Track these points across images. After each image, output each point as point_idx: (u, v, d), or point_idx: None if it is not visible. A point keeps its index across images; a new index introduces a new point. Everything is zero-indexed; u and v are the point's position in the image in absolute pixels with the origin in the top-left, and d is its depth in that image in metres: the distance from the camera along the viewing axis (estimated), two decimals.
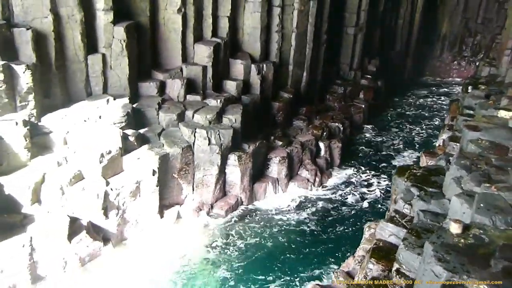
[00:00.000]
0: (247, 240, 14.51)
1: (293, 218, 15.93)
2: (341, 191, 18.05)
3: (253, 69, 18.96)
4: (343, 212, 16.61)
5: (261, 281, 12.76)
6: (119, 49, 15.51)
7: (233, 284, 12.59)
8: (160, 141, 15.01)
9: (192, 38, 17.62)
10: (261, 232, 15.00)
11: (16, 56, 13.52)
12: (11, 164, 12.33)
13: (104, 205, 12.84)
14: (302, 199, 17.13)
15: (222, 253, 13.83)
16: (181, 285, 12.39)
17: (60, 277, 11.81)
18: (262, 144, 17.06)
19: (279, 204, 16.68)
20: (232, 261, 13.48)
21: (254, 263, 13.51)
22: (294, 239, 14.80)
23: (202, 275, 12.85)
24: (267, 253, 14.03)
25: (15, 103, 13.09)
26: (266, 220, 15.69)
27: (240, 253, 13.88)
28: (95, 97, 15.43)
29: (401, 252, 8.24)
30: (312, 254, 14.06)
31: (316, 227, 15.53)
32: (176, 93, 16.87)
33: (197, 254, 13.63)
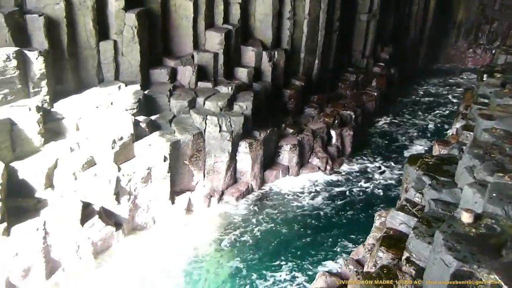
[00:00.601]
0: (260, 226, 14.55)
1: (302, 202, 15.96)
2: (352, 179, 18.00)
3: (265, 56, 18.85)
4: (354, 199, 16.60)
5: (274, 267, 12.83)
6: (130, 35, 15.52)
7: (245, 272, 12.65)
8: (171, 127, 15.06)
9: (203, 25, 17.55)
10: (274, 217, 15.07)
11: (29, 42, 13.62)
12: (25, 149, 12.48)
13: (116, 191, 12.97)
14: (314, 186, 17.10)
15: (234, 239, 13.92)
16: (193, 274, 12.47)
17: (74, 260, 12.00)
18: (273, 131, 17.02)
19: (289, 191, 16.68)
20: (244, 248, 13.56)
21: (266, 249, 13.58)
22: (306, 225, 14.83)
23: (214, 263, 12.94)
24: (279, 238, 14.09)
25: (28, 89, 13.20)
26: (278, 205, 15.73)
27: (253, 239, 13.95)
28: (107, 83, 15.50)
29: (411, 241, 8.20)
30: (322, 242, 14.10)
31: (327, 215, 15.54)
32: (187, 80, 16.87)
33: (208, 241, 13.74)
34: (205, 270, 12.64)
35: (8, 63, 12.54)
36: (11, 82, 12.70)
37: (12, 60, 12.59)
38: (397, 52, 28.24)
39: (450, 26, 34.59)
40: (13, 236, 10.98)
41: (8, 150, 12.09)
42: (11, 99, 12.74)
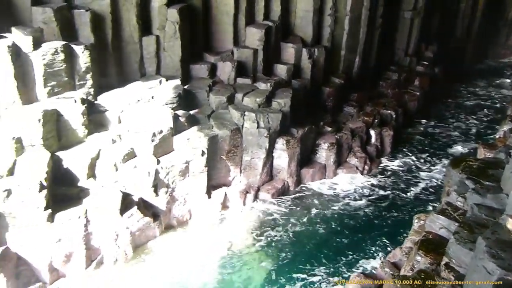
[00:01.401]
0: (295, 227, 14.46)
1: (341, 203, 15.77)
2: (390, 180, 17.60)
3: (304, 53, 18.70)
4: (392, 201, 16.23)
5: (307, 268, 12.71)
6: (172, 31, 15.77)
7: (277, 272, 12.55)
8: (210, 122, 15.22)
9: (243, 21, 17.60)
10: (309, 217, 14.96)
11: (75, 37, 14.10)
12: (69, 139, 12.95)
13: (155, 183, 13.24)
14: (350, 184, 16.87)
15: (268, 238, 13.87)
16: (226, 271, 12.53)
17: (112, 248, 12.36)
18: (311, 129, 16.89)
19: (327, 190, 16.52)
20: (277, 247, 13.51)
21: (300, 250, 13.47)
22: (344, 224, 14.66)
23: (247, 261, 12.95)
24: (314, 239, 13.97)
25: (74, 82, 13.69)
26: (315, 205, 15.62)
27: (288, 239, 13.89)
28: (148, 77, 15.84)
29: (452, 246, 7.96)
30: (358, 244, 13.88)
31: (364, 216, 15.28)
32: (227, 75, 16.98)
33: (242, 238, 13.78)
34: (237, 268, 12.69)
35: (56, 57, 13.04)
36: (58, 75, 13.21)
37: (59, 54, 13.09)
38: (442, 51, 27.33)
39: (500, 24, 33.12)
40: (57, 222, 11.43)
41: (54, 139, 12.59)
42: (58, 91, 13.25)
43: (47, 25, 13.45)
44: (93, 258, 12.23)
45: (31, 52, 12.68)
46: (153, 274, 12.23)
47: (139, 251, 12.91)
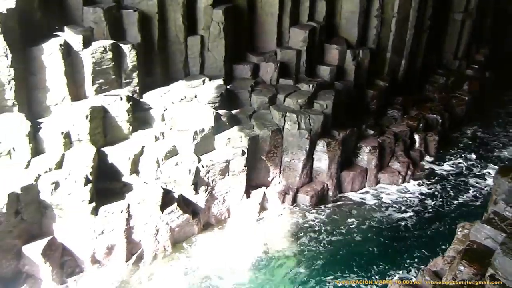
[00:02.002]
0: (332, 232, 14.29)
1: (382, 212, 15.41)
2: (434, 187, 17.03)
3: (349, 55, 18.44)
4: (434, 209, 15.71)
5: (339, 277, 12.51)
6: (217, 31, 15.96)
7: (310, 279, 12.42)
8: (251, 122, 15.28)
9: (288, 22, 17.58)
10: (347, 223, 14.72)
11: (123, 36, 14.54)
12: (115, 136, 13.36)
13: (195, 181, 13.43)
14: (393, 192, 16.46)
15: (304, 242, 13.76)
16: (259, 273, 12.51)
17: (152, 243, 12.64)
18: (353, 132, 16.62)
19: (368, 196, 16.21)
20: (312, 253, 13.36)
21: (334, 257, 13.28)
22: (381, 234, 14.36)
23: (281, 265, 12.90)
24: (350, 246, 13.75)
25: (121, 80, 14.12)
26: (354, 211, 15.38)
27: (323, 245, 13.73)
28: (192, 77, 16.10)
29: (498, 257, 7.60)
30: (396, 253, 13.54)
31: (405, 222, 14.92)
32: (269, 76, 17.00)
33: (278, 241, 13.73)
34: (271, 270, 12.67)
35: (104, 55, 13.49)
36: (106, 73, 13.66)
37: (108, 52, 13.54)
38: (494, 55, 26.18)
39: None
40: (100, 215, 11.81)
41: (100, 135, 13.02)
42: (105, 88, 13.70)
43: (97, 24, 13.95)
44: (133, 251, 12.55)
45: (81, 51, 13.19)
46: (189, 270, 12.42)
47: (178, 247, 13.14)
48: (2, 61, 11.86)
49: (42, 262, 11.13)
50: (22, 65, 12.35)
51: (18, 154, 11.84)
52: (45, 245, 11.28)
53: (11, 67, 11.99)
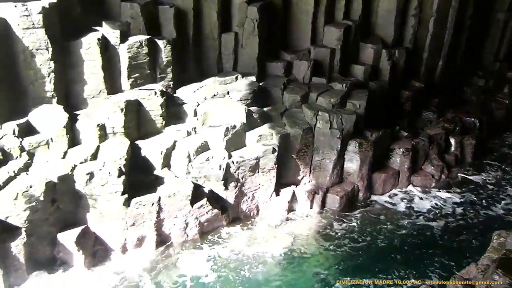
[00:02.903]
0: (358, 236, 14.11)
1: (411, 218, 15.04)
2: (469, 193, 16.46)
3: (384, 54, 18.08)
4: (468, 217, 15.18)
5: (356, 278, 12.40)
6: (251, 28, 15.97)
7: (331, 276, 12.38)
8: (282, 120, 15.24)
9: (322, 20, 17.40)
10: (374, 228, 14.47)
11: (159, 31, 14.75)
12: (148, 129, 13.60)
13: (225, 177, 13.51)
14: (424, 197, 16.06)
15: (330, 243, 13.64)
16: (283, 270, 12.52)
17: (181, 236, 12.81)
18: (386, 133, 16.32)
19: (398, 200, 15.88)
20: (336, 254, 13.25)
21: (355, 262, 13.10)
22: (407, 241, 14.01)
23: (306, 264, 12.85)
24: (373, 251, 13.54)
25: (155, 74, 14.35)
26: (381, 216, 15.08)
27: (346, 247, 13.57)
28: (225, 73, 16.17)
29: None
30: (420, 259, 13.24)
31: (432, 231, 14.47)
32: (302, 74, 16.89)
33: (305, 240, 13.66)
34: (294, 266, 12.65)
35: (140, 50, 13.73)
36: (141, 67, 13.91)
37: (144, 47, 13.77)
38: None
39: None
40: (132, 207, 12.06)
41: (134, 129, 13.28)
42: (140, 82, 13.96)
43: (134, 19, 14.21)
44: (162, 243, 12.76)
45: (118, 45, 13.48)
46: (215, 264, 12.51)
47: (205, 238, 13.28)
48: (43, 54, 12.27)
49: (75, 249, 11.47)
50: (61, 58, 12.75)
51: (55, 145, 12.23)
52: (78, 233, 11.63)
53: (51, 60, 12.40)
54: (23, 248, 10.60)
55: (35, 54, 12.21)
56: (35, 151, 12.03)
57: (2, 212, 10.51)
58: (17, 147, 11.77)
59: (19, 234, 10.62)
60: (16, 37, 11.98)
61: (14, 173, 11.18)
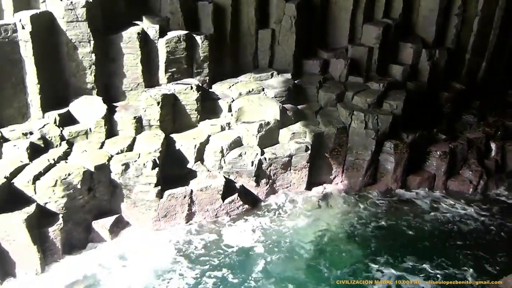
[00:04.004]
0: (390, 228, 13.80)
1: (445, 221, 14.52)
2: (509, 204, 15.69)
3: (424, 54, 17.58)
4: (508, 231, 14.39)
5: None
6: (288, 25, 15.91)
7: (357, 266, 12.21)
8: (317, 119, 15.12)
9: (361, 18, 17.13)
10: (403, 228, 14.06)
11: (197, 27, 14.93)
12: (183, 123, 13.80)
13: (257, 173, 13.55)
14: (460, 202, 15.49)
15: (360, 236, 13.39)
16: (311, 258, 12.39)
17: (210, 229, 12.95)
18: (423, 135, 15.90)
19: (433, 202, 15.40)
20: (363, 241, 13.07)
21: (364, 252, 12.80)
22: (436, 244, 13.45)
23: (334, 250, 12.71)
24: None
25: (192, 69, 14.53)
26: (413, 216, 14.59)
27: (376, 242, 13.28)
28: (260, 70, 16.20)
29: None
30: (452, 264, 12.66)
31: (463, 237, 13.79)
32: (339, 73, 16.70)
33: (333, 237, 13.35)
34: (325, 255, 12.54)
35: (178, 45, 13.94)
36: (179, 62, 14.12)
37: (182, 42, 13.97)
38: None
39: None
40: (164, 199, 12.27)
41: (169, 122, 13.51)
42: (177, 77, 14.18)
43: (174, 15, 14.44)
44: None
45: (157, 40, 13.73)
46: (239, 256, 12.40)
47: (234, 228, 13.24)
48: (85, 47, 12.66)
49: (108, 237, 11.78)
50: (102, 51, 13.11)
51: (94, 135, 12.60)
52: (112, 221, 11.95)
53: (93, 53, 12.78)
54: (59, 233, 10.98)
55: (78, 47, 12.62)
56: (74, 140, 12.45)
57: (41, 198, 10.91)
58: (58, 136, 12.21)
59: (56, 220, 11.01)
60: (60, 30, 12.44)
61: (54, 160, 11.59)
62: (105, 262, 11.45)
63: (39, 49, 12.05)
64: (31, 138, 11.98)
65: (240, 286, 11.23)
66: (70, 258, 11.45)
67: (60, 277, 10.87)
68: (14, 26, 11.83)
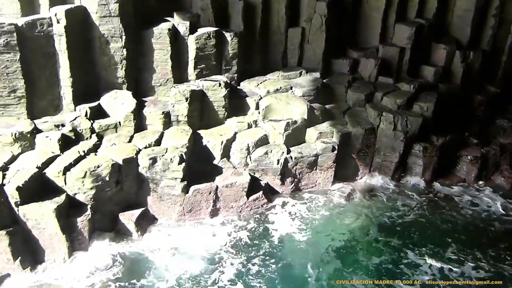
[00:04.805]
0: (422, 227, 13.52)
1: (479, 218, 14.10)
2: None
3: (457, 56, 17.14)
4: None
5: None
6: (318, 24, 15.80)
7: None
8: (344, 119, 14.96)
9: (393, 18, 16.85)
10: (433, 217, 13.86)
11: (227, 24, 14.99)
12: (210, 120, 13.88)
13: (282, 171, 13.51)
14: (493, 204, 14.97)
15: (387, 229, 13.22)
16: (340, 251, 12.38)
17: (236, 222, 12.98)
18: (454, 138, 15.50)
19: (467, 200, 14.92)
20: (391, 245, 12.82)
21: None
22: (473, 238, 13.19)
23: (363, 241, 12.71)
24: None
25: (221, 66, 14.63)
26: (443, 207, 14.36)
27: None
28: (289, 68, 16.15)
29: None
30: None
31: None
32: (368, 73, 16.47)
33: (371, 227, 13.29)
34: (351, 248, 12.49)
35: (208, 41, 14.02)
36: (208, 58, 14.22)
37: (211, 39, 14.05)
38: None
39: None
40: (190, 194, 12.38)
41: (197, 118, 13.61)
42: (206, 73, 14.27)
43: (204, 11, 14.55)
44: None
45: (187, 36, 13.85)
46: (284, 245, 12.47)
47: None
48: (117, 42, 12.89)
49: (134, 229, 11.97)
50: (133, 46, 13.32)
51: (123, 129, 12.82)
52: (138, 214, 12.12)
53: (124, 48, 13.01)
54: (87, 223, 11.22)
55: (110, 42, 12.86)
56: (104, 134, 12.70)
57: (71, 188, 11.17)
58: (88, 129, 12.48)
59: (85, 211, 11.25)
60: (93, 25, 12.71)
61: (84, 152, 11.84)
62: (156, 248, 11.78)
63: (72, 43, 12.33)
64: (63, 130, 12.28)
65: (282, 272, 11.38)
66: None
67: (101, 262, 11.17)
68: (49, 20, 12.15)
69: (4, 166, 11.17)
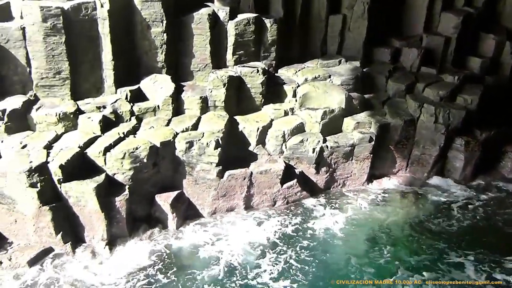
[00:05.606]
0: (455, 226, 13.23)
1: None
2: None
3: (508, 47, 16.35)
4: None
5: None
6: (360, 11, 15.45)
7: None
8: (383, 109, 14.64)
9: (440, 6, 16.26)
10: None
11: (267, 10, 14.88)
12: (247, 106, 13.90)
13: (318, 160, 13.41)
14: None
15: (422, 231, 12.96)
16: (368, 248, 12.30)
17: (267, 211, 13.07)
18: (499, 133, 14.88)
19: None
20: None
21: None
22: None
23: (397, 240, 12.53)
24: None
25: (259, 52, 14.57)
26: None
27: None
28: (328, 56, 15.91)
29: None
30: None
31: None
32: (410, 62, 15.99)
33: (397, 226, 13.08)
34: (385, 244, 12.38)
35: (247, 28, 13.99)
36: (247, 45, 14.20)
37: (251, 25, 14.01)
38: None
39: None
40: (225, 179, 12.50)
41: (234, 104, 13.66)
42: (244, 59, 14.27)
43: None
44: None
45: (227, 22, 13.85)
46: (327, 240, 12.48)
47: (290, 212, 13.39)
48: (158, 27, 13.07)
49: (169, 211, 12.24)
50: (173, 31, 13.46)
51: (161, 112, 13.06)
52: (174, 197, 12.37)
53: (165, 33, 13.18)
54: (125, 203, 11.55)
55: (151, 26, 13.05)
56: (143, 116, 12.98)
57: (110, 169, 11.52)
58: (128, 111, 12.78)
59: (123, 191, 11.58)
60: (136, 9, 12.93)
61: (124, 134, 12.16)
62: (203, 239, 12.23)
63: (115, 27, 12.60)
64: (104, 111, 12.64)
65: (325, 267, 11.49)
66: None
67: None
68: (93, 4, 12.44)
69: (49, 145, 11.65)
